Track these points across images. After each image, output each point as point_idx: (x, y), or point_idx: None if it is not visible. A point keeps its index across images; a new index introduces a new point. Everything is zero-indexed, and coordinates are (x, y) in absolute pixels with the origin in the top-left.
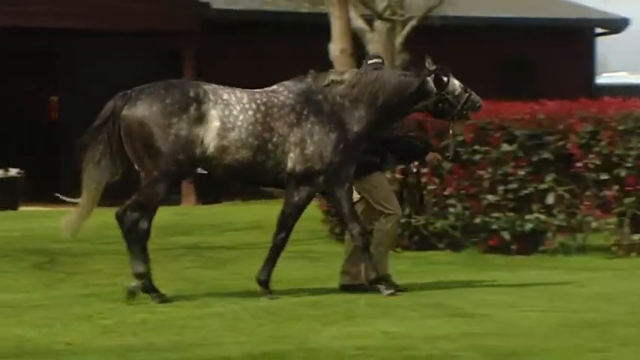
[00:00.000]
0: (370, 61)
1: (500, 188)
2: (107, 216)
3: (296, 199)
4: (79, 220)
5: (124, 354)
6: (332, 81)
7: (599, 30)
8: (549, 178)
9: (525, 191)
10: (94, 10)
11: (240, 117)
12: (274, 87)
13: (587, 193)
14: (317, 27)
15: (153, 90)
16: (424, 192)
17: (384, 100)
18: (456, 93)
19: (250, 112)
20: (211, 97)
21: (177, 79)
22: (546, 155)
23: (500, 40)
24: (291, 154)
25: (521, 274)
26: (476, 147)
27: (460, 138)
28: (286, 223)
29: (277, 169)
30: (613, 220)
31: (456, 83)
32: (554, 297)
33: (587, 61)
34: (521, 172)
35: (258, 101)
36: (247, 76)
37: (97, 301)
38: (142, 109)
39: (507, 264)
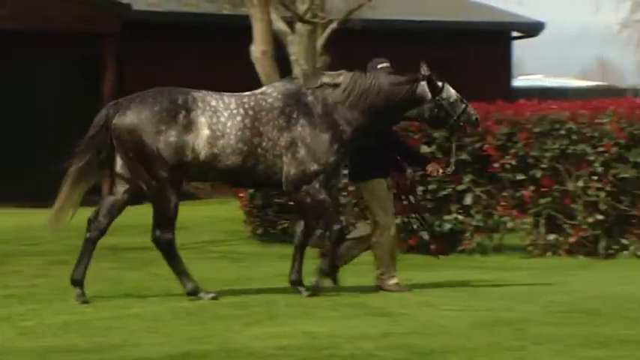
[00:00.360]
0: (380, 65)
1: (419, 189)
2: (32, 218)
3: (309, 200)
4: (58, 218)
5: (45, 355)
6: (324, 83)
7: (515, 33)
8: (467, 179)
9: (444, 192)
10: (9, 11)
11: (229, 124)
12: (264, 89)
13: (504, 193)
14: (239, 29)
15: (142, 98)
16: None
17: (378, 104)
18: (451, 100)
19: (239, 118)
20: (199, 104)
21: (93, 81)
22: (464, 156)
23: (420, 44)
24: (284, 158)
25: (439, 273)
26: None
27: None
28: (326, 221)
29: (269, 171)
30: (529, 220)
31: (451, 91)
32: (471, 296)
33: (504, 64)
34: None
35: (246, 105)
36: (170, 78)
37: (16, 302)
38: (131, 118)
39: (426, 264)
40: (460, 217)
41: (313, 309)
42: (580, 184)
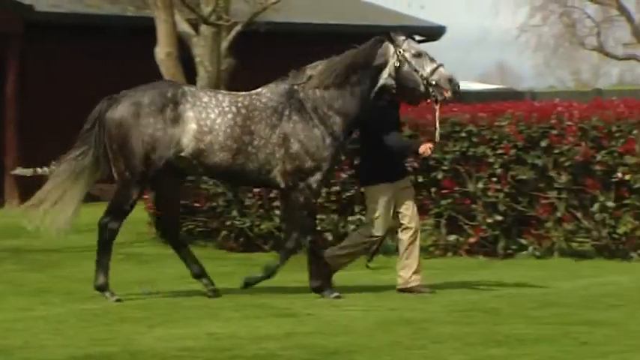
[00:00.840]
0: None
1: (324, 190)
2: None
3: (302, 198)
4: (57, 219)
5: None
6: (310, 76)
7: (417, 37)
8: None
9: (348, 194)
10: None
11: (218, 120)
12: (259, 89)
13: None
14: (143, 30)
15: (133, 92)
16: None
17: (343, 72)
18: (413, 51)
19: (229, 116)
20: (189, 98)
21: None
22: None
23: (324, 47)
24: (277, 155)
25: (343, 273)
26: None
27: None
28: (305, 225)
29: (262, 170)
30: (430, 221)
31: (413, 44)
32: (375, 296)
33: None
34: (344, 175)
35: (239, 104)
36: (73, 79)
37: None
38: (120, 111)
39: None
40: (364, 218)
41: (217, 310)
42: (480, 185)
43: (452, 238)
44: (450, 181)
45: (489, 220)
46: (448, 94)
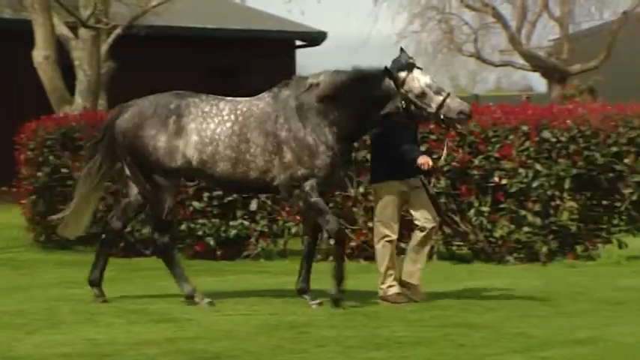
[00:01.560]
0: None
1: (206, 195)
2: None
3: (301, 203)
4: (73, 225)
5: None
6: (310, 85)
7: (299, 42)
8: None
9: (230, 198)
10: None
11: (218, 130)
12: (262, 94)
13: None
14: (21, 33)
15: (140, 102)
16: None
17: (346, 99)
18: (416, 92)
19: (228, 124)
20: (192, 109)
21: None
22: None
23: (207, 50)
24: (274, 162)
25: (225, 278)
26: None
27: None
28: (323, 220)
29: (263, 178)
30: None
31: (417, 82)
32: (256, 300)
33: (288, 73)
34: None
35: (238, 112)
36: None
37: None
38: (126, 121)
39: (212, 269)
40: (246, 222)
41: (96, 315)
42: (361, 189)
43: (333, 242)
44: None
45: (370, 224)
46: (460, 127)
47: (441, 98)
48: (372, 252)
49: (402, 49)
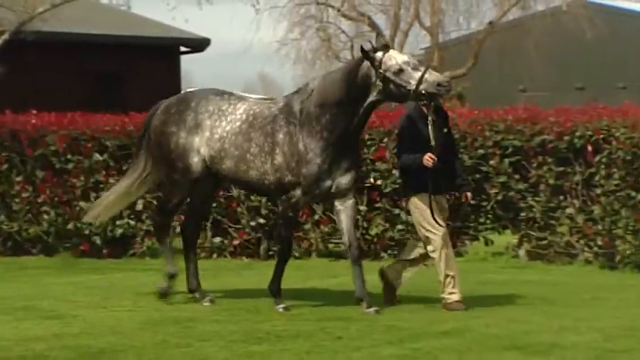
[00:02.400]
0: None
1: (93, 195)
2: None
3: (281, 209)
4: (104, 212)
5: None
6: (312, 90)
7: (183, 49)
8: None
9: None
10: None
11: (227, 128)
12: (280, 97)
13: None
14: None
15: (170, 100)
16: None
17: (338, 97)
18: (394, 69)
19: (238, 123)
20: (210, 107)
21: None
22: None
23: (93, 55)
24: (267, 164)
25: (111, 276)
26: (69, 156)
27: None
28: (279, 234)
29: (262, 179)
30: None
31: (394, 59)
32: (140, 297)
33: (173, 78)
34: (112, 180)
35: (250, 112)
36: None
37: None
38: (157, 118)
39: (98, 267)
40: (132, 222)
41: None
42: (244, 190)
43: (217, 240)
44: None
45: (252, 223)
46: (440, 102)
47: (419, 74)
48: (253, 250)
49: (377, 34)
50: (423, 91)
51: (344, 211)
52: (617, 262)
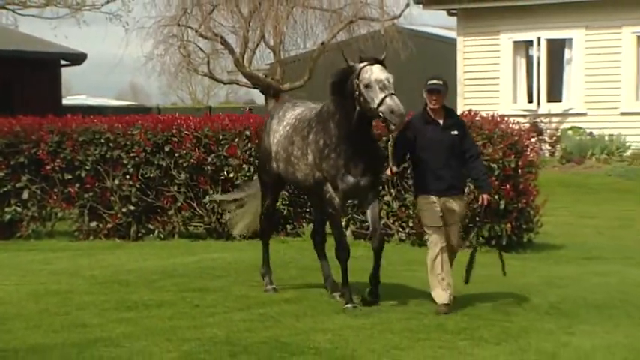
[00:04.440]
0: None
1: None
2: None
3: (324, 207)
4: (250, 223)
5: None
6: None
7: (64, 62)
8: (25, 178)
9: (5, 189)
10: None
11: (281, 131)
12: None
13: (55, 190)
14: None
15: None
16: None
17: (338, 96)
18: (364, 82)
19: (288, 127)
20: (279, 113)
21: None
22: (22, 160)
23: None
24: (305, 165)
25: (0, 255)
26: None
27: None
28: (334, 236)
29: (305, 179)
30: (75, 211)
31: (369, 73)
32: (26, 273)
33: (55, 86)
34: (1, 174)
35: (298, 116)
36: None
37: None
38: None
39: None
40: (19, 209)
41: None
42: (116, 182)
43: (93, 224)
44: (92, 179)
45: (124, 210)
46: (392, 129)
47: (383, 95)
48: (125, 232)
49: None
50: (381, 113)
51: (370, 208)
52: (425, 240)
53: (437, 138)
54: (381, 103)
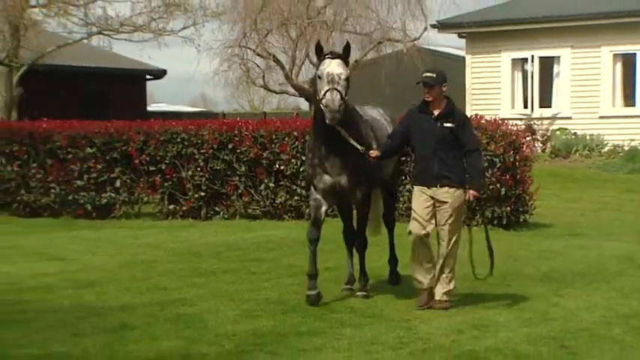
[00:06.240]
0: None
1: (85, 176)
2: None
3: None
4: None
5: None
6: None
7: (148, 76)
8: (117, 170)
9: (102, 179)
10: None
11: None
12: None
13: (142, 179)
14: None
15: None
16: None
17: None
18: (318, 73)
19: None
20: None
21: None
22: (115, 155)
23: (85, 81)
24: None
25: (98, 232)
26: (69, 150)
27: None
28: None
29: (379, 174)
30: (158, 196)
31: (324, 66)
32: (118, 246)
33: (141, 96)
34: (99, 166)
35: None
36: None
37: None
38: None
39: (90, 226)
40: (113, 194)
41: (8, 257)
42: (190, 173)
43: (172, 207)
44: (171, 170)
45: (196, 195)
46: (327, 121)
47: (326, 88)
48: (197, 213)
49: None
50: (322, 106)
51: (357, 211)
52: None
53: (428, 128)
54: (323, 96)
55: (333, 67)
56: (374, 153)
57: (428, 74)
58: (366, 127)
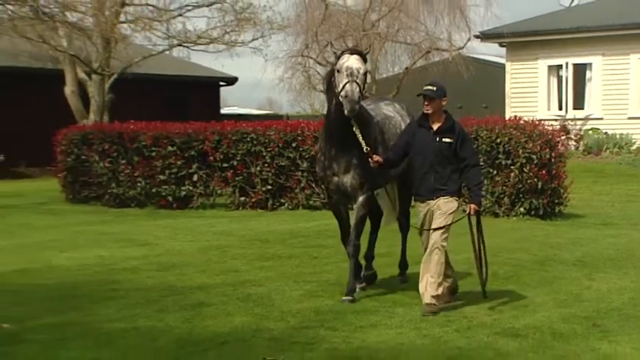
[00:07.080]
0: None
1: (167, 171)
2: None
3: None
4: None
5: None
6: None
7: (222, 83)
8: (195, 165)
9: (181, 173)
10: None
11: None
12: None
13: (216, 174)
14: (58, 77)
15: None
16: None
17: (329, 95)
18: (337, 67)
19: None
20: None
21: None
22: (193, 153)
23: (168, 87)
24: None
25: (178, 221)
26: (153, 148)
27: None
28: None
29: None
30: (230, 189)
31: (343, 60)
32: (196, 233)
33: (215, 100)
34: (179, 163)
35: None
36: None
37: None
38: None
39: (171, 215)
40: (190, 187)
41: (102, 242)
42: (258, 168)
43: (242, 199)
44: (241, 166)
45: (263, 189)
46: (345, 112)
47: (346, 80)
48: (264, 205)
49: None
50: (341, 98)
51: (354, 212)
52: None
53: (426, 142)
54: (342, 88)
55: (352, 61)
56: (376, 158)
57: (429, 87)
58: (374, 130)
